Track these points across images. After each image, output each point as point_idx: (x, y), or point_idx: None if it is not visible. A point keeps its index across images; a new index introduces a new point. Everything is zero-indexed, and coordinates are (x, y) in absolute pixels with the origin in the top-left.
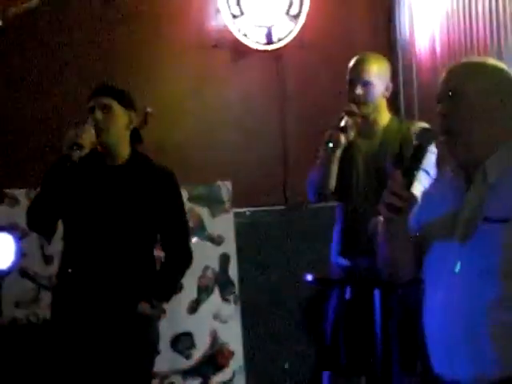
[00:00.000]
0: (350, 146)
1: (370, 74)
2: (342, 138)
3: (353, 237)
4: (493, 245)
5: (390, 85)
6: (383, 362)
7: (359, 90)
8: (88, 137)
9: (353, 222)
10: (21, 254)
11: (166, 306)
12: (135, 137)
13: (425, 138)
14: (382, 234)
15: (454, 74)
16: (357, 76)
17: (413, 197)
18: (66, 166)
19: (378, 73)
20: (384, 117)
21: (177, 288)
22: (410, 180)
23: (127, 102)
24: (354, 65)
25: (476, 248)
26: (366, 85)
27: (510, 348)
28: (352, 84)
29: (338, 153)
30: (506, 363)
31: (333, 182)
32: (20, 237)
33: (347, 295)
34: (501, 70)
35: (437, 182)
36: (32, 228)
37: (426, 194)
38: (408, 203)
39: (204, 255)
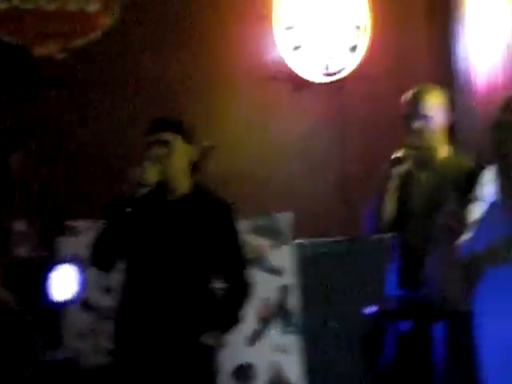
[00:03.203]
0: (408, 178)
1: (426, 107)
2: (398, 170)
3: (411, 268)
4: None
5: (448, 115)
6: None
7: (417, 124)
8: (152, 174)
9: (410, 254)
10: (83, 285)
11: (227, 336)
12: (194, 169)
13: (478, 165)
14: (434, 256)
15: (510, 102)
16: (414, 110)
17: (466, 219)
18: (130, 205)
19: (434, 105)
20: (443, 149)
21: (238, 319)
22: (462, 204)
23: (188, 137)
24: (411, 98)
25: None
26: (424, 118)
27: None
28: (409, 118)
29: (395, 184)
30: None
31: (390, 215)
32: (82, 268)
33: (404, 328)
34: None
35: (490, 211)
36: (95, 265)
37: (478, 221)
38: (461, 224)
39: (264, 286)
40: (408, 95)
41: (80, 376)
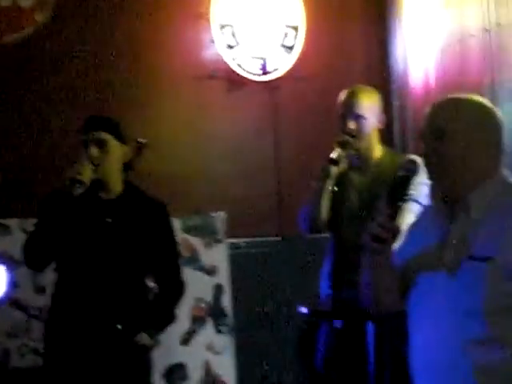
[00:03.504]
0: (342, 178)
1: (361, 108)
2: (333, 170)
3: (343, 270)
4: (477, 283)
5: (382, 117)
6: None
7: (351, 124)
8: (87, 173)
9: (344, 255)
10: (13, 284)
11: (159, 336)
12: (127, 167)
13: (410, 169)
14: (366, 262)
15: (438, 110)
16: (348, 110)
17: (397, 228)
18: (67, 202)
19: (369, 106)
20: (377, 150)
21: (172, 318)
22: (395, 211)
23: (122, 136)
24: (345, 99)
25: (461, 285)
26: (358, 118)
27: None
28: (344, 118)
29: (330, 185)
30: None
31: (324, 215)
32: (12, 267)
33: (339, 325)
34: (485, 108)
35: (422, 215)
36: (28, 265)
37: (411, 226)
38: (392, 234)
39: (197, 286)
40: (343, 95)
41: (8, 376)
